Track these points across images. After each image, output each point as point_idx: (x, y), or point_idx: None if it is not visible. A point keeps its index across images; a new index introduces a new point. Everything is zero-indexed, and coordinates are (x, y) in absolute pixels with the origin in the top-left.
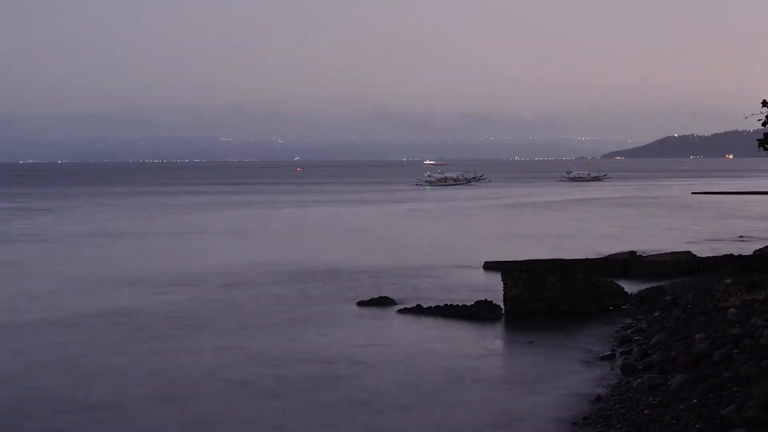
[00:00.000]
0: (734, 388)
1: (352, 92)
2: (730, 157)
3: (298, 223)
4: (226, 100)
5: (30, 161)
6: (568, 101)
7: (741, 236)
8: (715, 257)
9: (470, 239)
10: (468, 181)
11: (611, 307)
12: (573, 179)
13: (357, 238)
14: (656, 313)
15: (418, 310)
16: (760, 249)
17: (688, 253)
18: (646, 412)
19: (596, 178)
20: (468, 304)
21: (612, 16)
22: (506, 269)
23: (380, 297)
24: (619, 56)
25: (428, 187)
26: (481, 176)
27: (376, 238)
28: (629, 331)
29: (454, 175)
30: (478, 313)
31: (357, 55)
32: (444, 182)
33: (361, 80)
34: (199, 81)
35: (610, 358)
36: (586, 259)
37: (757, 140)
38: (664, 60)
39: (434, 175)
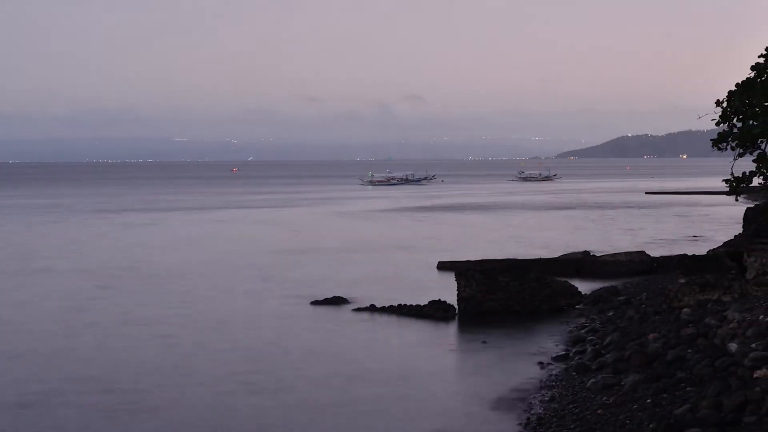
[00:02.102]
0: (688, 388)
1: (303, 92)
2: (684, 157)
3: (246, 225)
4: (182, 100)
5: None
6: (522, 101)
7: (695, 236)
8: (668, 257)
9: (423, 239)
10: (419, 181)
11: (565, 307)
12: (525, 179)
13: (310, 238)
14: (610, 313)
15: (372, 310)
16: (713, 249)
17: (642, 253)
18: (599, 411)
19: (547, 178)
20: (422, 304)
21: (567, 16)
22: (460, 269)
23: (334, 297)
24: (572, 57)
25: (370, 186)
26: (432, 176)
27: (328, 238)
28: (583, 330)
29: (401, 174)
30: (432, 312)
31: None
32: (387, 182)
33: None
34: (155, 82)
35: (564, 357)
36: (540, 259)
37: (711, 140)
38: (618, 60)
39: (376, 174)
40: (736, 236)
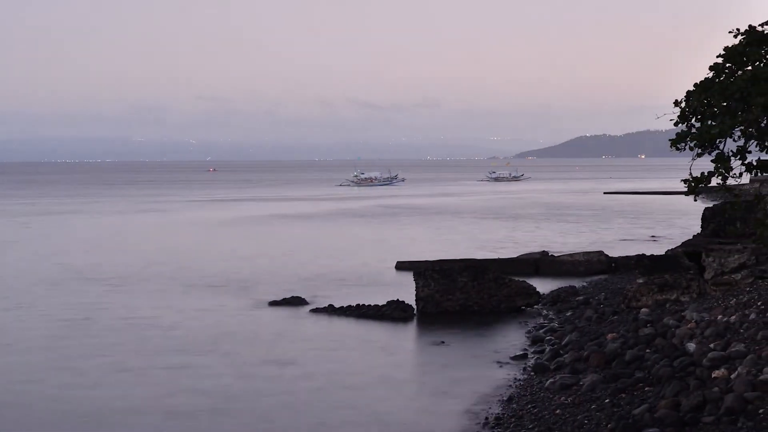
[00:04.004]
0: (646, 388)
1: (257, 92)
2: (643, 157)
3: (210, 224)
4: (138, 100)
5: None
6: (480, 101)
7: (653, 236)
8: (627, 257)
9: (381, 240)
10: (402, 180)
11: (523, 307)
12: (497, 179)
13: (269, 239)
14: (568, 313)
15: (330, 310)
16: (671, 249)
17: (600, 252)
18: (558, 411)
19: (515, 178)
20: (380, 304)
21: (523, 16)
22: (418, 269)
23: (292, 297)
24: (531, 56)
25: (356, 187)
26: (402, 179)
27: (288, 238)
28: (541, 330)
29: (375, 174)
30: (391, 313)
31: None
32: (370, 182)
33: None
34: (114, 82)
35: (522, 357)
36: (498, 259)
37: (670, 140)
38: (577, 60)
39: (360, 175)
40: (694, 236)
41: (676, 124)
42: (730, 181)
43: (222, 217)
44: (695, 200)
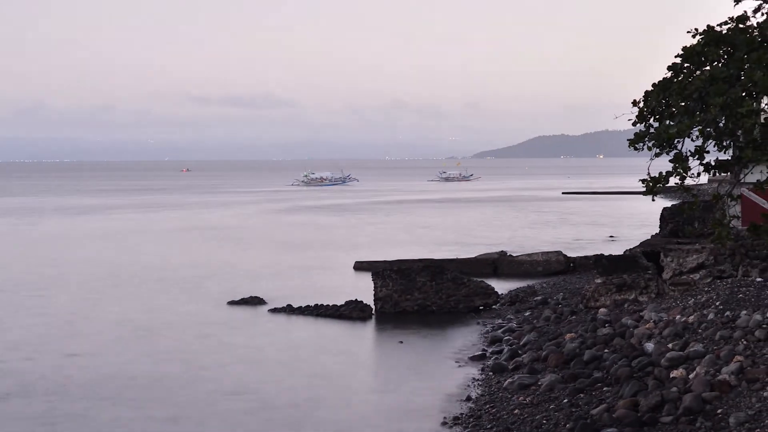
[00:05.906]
0: (605, 388)
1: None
2: (601, 157)
3: (160, 227)
4: (94, 100)
5: None
6: (439, 101)
7: (611, 236)
8: (585, 257)
9: (339, 239)
10: (357, 180)
11: (481, 307)
12: (447, 179)
13: (227, 239)
14: (527, 313)
15: (289, 310)
16: (630, 249)
17: (559, 252)
18: (516, 411)
19: (465, 178)
20: (338, 304)
21: (484, 16)
22: (376, 269)
23: (251, 297)
24: (490, 57)
25: (305, 187)
26: (355, 178)
27: (245, 239)
28: (499, 330)
29: (326, 174)
30: (349, 313)
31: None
32: (320, 182)
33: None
34: (73, 80)
35: (481, 358)
36: (456, 259)
37: (628, 140)
38: (536, 60)
39: (310, 175)
40: (652, 236)
41: (634, 124)
42: (689, 181)
43: (172, 219)
44: (653, 200)
